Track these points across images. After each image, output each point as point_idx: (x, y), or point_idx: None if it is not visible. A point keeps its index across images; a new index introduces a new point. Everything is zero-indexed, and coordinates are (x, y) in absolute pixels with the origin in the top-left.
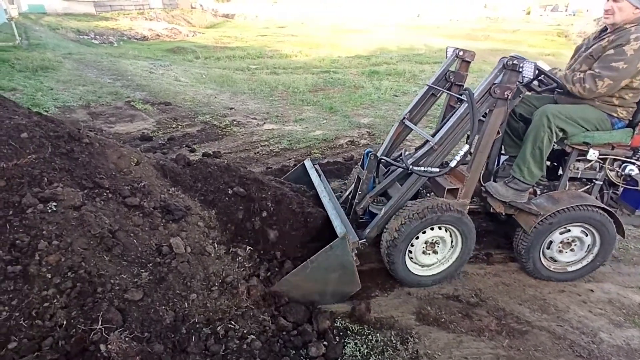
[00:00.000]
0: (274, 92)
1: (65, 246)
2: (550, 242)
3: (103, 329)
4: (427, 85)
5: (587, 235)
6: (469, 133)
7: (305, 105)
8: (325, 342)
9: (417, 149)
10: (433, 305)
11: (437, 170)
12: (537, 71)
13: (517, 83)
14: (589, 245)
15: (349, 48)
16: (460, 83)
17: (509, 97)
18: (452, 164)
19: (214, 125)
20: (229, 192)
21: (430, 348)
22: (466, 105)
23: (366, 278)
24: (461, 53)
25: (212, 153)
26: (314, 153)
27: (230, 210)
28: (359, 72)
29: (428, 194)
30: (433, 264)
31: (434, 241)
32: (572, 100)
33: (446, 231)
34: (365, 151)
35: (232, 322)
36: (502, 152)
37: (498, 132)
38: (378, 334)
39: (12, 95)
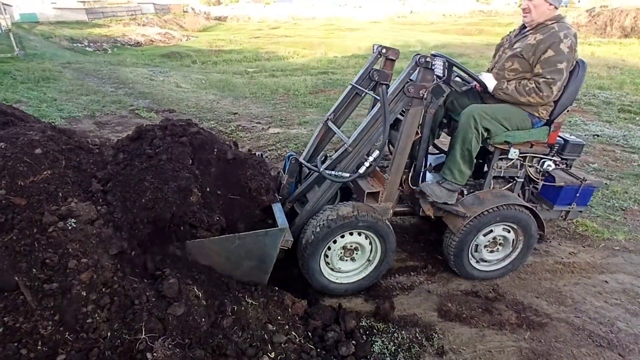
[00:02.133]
0: (275, 95)
1: (94, 263)
2: (478, 242)
3: (147, 338)
4: (351, 84)
5: (510, 233)
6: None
7: (307, 108)
8: (353, 341)
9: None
10: (453, 301)
11: (347, 175)
12: (447, 68)
13: (437, 81)
14: (513, 243)
15: (344, 47)
16: (385, 82)
17: (424, 96)
18: (361, 170)
19: (220, 131)
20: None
21: (455, 343)
22: (380, 104)
23: (386, 277)
24: (384, 51)
25: None
26: None
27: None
28: (356, 72)
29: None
30: (352, 271)
31: (352, 247)
32: (496, 100)
33: (366, 238)
34: (287, 155)
35: (266, 325)
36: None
37: (417, 133)
38: (403, 332)
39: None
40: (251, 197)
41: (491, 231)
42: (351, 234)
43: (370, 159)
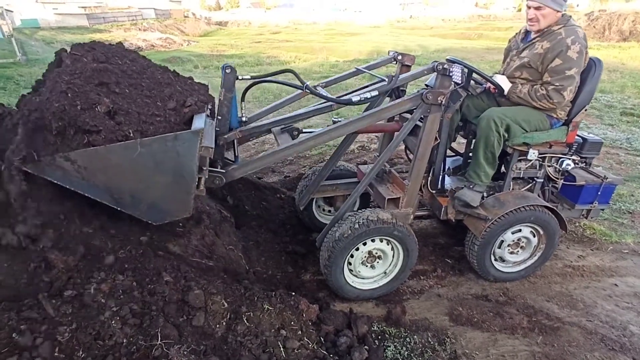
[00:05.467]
0: (278, 99)
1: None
2: (501, 243)
3: (163, 344)
4: (356, 68)
5: (533, 234)
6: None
7: None
8: (366, 347)
9: None
10: (464, 305)
11: (334, 97)
12: (465, 75)
13: (455, 86)
14: (535, 243)
15: (345, 52)
16: (403, 88)
17: (443, 102)
18: (355, 99)
19: None
20: None
21: (468, 347)
22: (382, 84)
23: None
24: (400, 57)
25: None
26: (327, 159)
27: None
28: (359, 77)
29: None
30: (368, 278)
31: (376, 254)
32: (511, 103)
33: (392, 249)
34: (222, 65)
35: (280, 331)
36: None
37: (436, 139)
38: (415, 336)
39: None
40: (176, 112)
41: (520, 230)
42: (381, 240)
43: (368, 95)
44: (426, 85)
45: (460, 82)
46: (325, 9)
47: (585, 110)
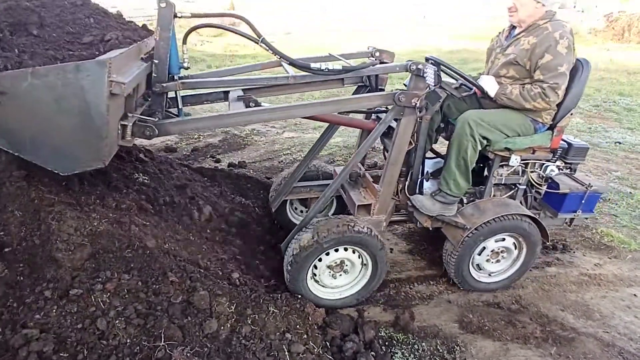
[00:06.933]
0: (289, 99)
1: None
2: (480, 252)
3: (166, 345)
4: (330, 54)
5: (513, 243)
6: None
7: None
8: (373, 353)
9: None
10: (475, 312)
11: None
12: (439, 77)
13: (432, 87)
14: (515, 253)
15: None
16: (380, 87)
17: (417, 104)
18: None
19: (235, 134)
20: None
21: (478, 356)
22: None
23: (404, 286)
24: (378, 53)
25: (237, 163)
26: (337, 160)
27: None
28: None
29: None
30: (341, 287)
31: (341, 263)
32: (496, 104)
33: (354, 252)
34: None
35: (285, 334)
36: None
37: (411, 143)
38: (423, 343)
39: None
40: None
41: (484, 248)
42: (336, 250)
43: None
44: (405, 85)
45: (433, 83)
46: (337, 9)
47: (571, 114)
